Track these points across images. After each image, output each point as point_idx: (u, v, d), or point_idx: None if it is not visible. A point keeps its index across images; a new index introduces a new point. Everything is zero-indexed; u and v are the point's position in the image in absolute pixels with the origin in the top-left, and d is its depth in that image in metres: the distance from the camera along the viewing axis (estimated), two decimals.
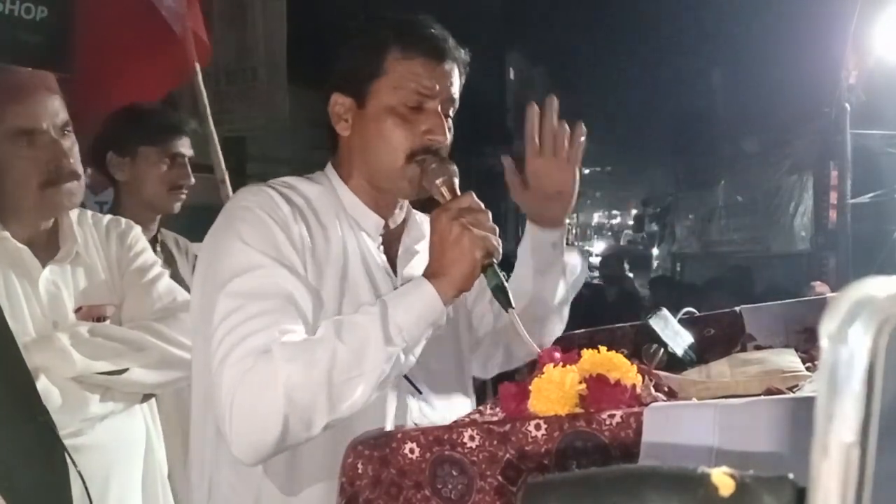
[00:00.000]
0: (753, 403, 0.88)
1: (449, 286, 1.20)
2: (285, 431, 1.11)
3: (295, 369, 1.10)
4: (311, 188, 1.35)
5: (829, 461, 0.39)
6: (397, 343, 1.16)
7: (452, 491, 0.97)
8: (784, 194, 8.49)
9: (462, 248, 1.19)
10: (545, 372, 1.10)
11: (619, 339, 1.55)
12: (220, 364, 1.13)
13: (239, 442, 1.12)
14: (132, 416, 1.70)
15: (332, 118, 1.37)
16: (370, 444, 1.01)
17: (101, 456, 1.57)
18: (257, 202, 1.26)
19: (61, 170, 1.61)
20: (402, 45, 1.30)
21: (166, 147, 2.27)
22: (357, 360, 1.13)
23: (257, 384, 1.10)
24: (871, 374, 0.38)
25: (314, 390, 1.11)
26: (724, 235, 10.80)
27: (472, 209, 1.23)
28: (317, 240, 1.29)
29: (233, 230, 1.23)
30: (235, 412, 1.11)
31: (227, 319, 1.15)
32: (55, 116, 1.62)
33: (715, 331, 1.64)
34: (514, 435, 0.95)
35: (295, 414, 1.10)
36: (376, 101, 1.31)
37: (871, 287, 0.40)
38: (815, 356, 1.33)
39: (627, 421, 0.91)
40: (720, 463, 0.46)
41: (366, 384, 1.14)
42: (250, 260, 1.20)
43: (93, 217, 1.78)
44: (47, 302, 1.60)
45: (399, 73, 1.30)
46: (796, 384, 1.17)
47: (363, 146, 1.34)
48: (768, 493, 0.44)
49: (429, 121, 1.31)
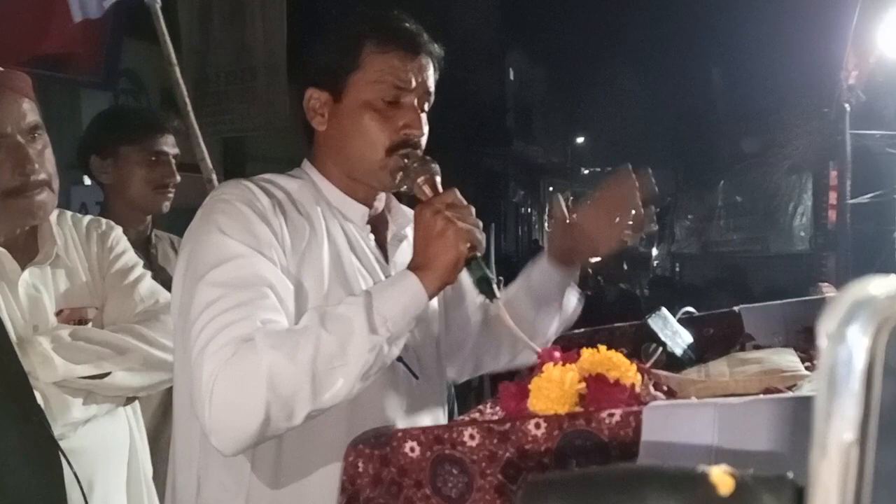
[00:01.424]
0: (753, 403, 0.88)
1: (434, 278, 1.19)
2: (267, 420, 1.09)
3: (278, 357, 1.09)
4: (291, 182, 1.35)
5: (828, 460, 0.39)
6: (381, 333, 1.14)
7: (453, 489, 0.97)
8: (783, 194, 8.49)
9: (446, 241, 1.18)
10: (545, 371, 1.10)
11: (618, 339, 1.55)
12: (200, 353, 1.11)
13: (218, 431, 1.11)
14: (115, 418, 1.66)
15: (308, 113, 1.35)
16: (371, 443, 1.01)
17: (85, 459, 1.53)
18: (236, 195, 1.25)
19: (27, 178, 1.54)
20: (377, 38, 1.30)
21: (147, 146, 2.23)
22: (341, 350, 1.12)
23: (239, 372, 1.09)
24: (870, 373, 0.39)
25: (297, 379, 1.09)
26: (723, 235, 10.80)
27: (456, 204, 1.22)
28: (299, 230, 1.28)
29: (211, 222, 1.22)
30: (216, 400, 1.09)
31: (208, 309, 1.14)
32: (21, 119, 1.55)
33: (714, 330, 1.64)
34: (514, 434, 0.95)
35: (277, 403, 1.09)
36: (353, 96, 1.31)
37: (870, 287, 0.41)
38: (814, 356, 1.34)
39: (627, 420, 0.91)
40: (719, 462, 0.46)
41: (349, 374, 1.13)
42: (229, 250, 1.19)
43: (72, 218, 1.73)
44: (27, 305, 1.56)
45: (375, 66, 1.30)
46: (795, 384, 1.18)
47: (341, 141, 1.34)
48: (768, 493, 0.44)
49: (406, 115, 1.31)
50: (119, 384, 1.58)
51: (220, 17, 4.34)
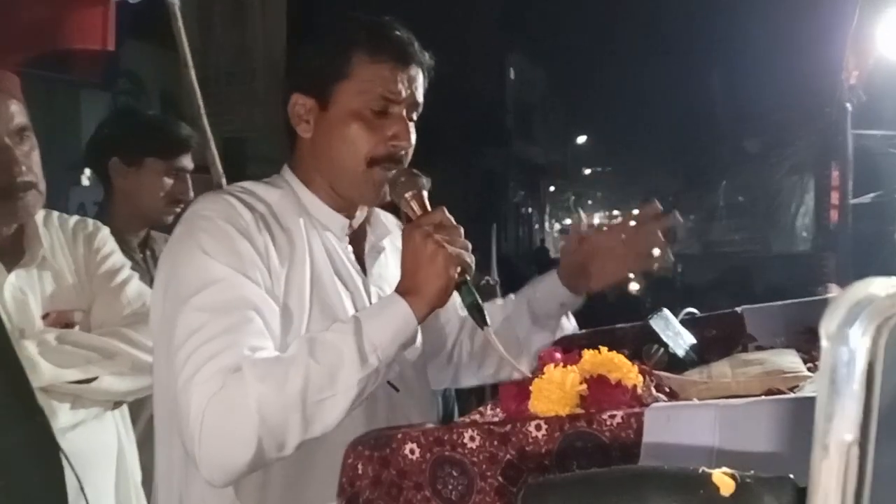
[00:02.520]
0: (754, 404, 0.88)
1: (423, 304, 1.17)
2: (258, 453, 1.08)
3: (267, 389, 1.08)
4: (271, 193, 1.31)
5: (828, 460, 0.39)
6: (372, 362, 1.13)
7: (453, 491, 0.97)
8: (785, 195, 8.49)
9: (437, 266, 1.17)
10: (546, 372, 1.10)
11: (619, 340, 1.55)
12: (186, 383, 1.09)
13: (209, 464, 1.10)
14: (103, 423, 1.65)
15: (293, 119, 1.33)
16: (370, 445, 1.01)
17: (73, 463, 1.52)
18: (218, 211, 1.22)
19: (12, 179, 1.54)
20: (368, 47, 1.27)
21: (173, 161, 2.24)
22: (331, 380, 1.11)
23: (229, 405, 1.07)
24: (871, 373, 0.38)
25: (287, 411, 1.08)
26: (724, 236, 10.81)
27: (445, 225, 1.20)
28: (281, 246, 1.25)
29: (193, 241, 1.19)
30: (205, 433, 1.08)
31: (192, 337, 1.11)
32: (9, 121, 1.55)
33: (716, 331, 1.64)
34: (515, 435, 0.95)
35: (268, 435, 1.08)
36: (340, 104, 1.28)
37: (870, 287, 0.40)
38: (816, 356, 1.33)
39: (628, 421, 0.91)
40: (721, 463, 0.46)
41: (339, 404, 1.12)
42: (213, 272, 1.16)
43: (59, 218, 1.71)
44: (13, 309, 1.53)
45: (365, 76, 1.27)
46: (797, 384, 1.17)
47: (325, 149, 1.31)
48: (769, 493, 0.44)
49: (394, 126, 1.28)
50: (107, 388, 1.57)
51: (220, 18, 4.35)
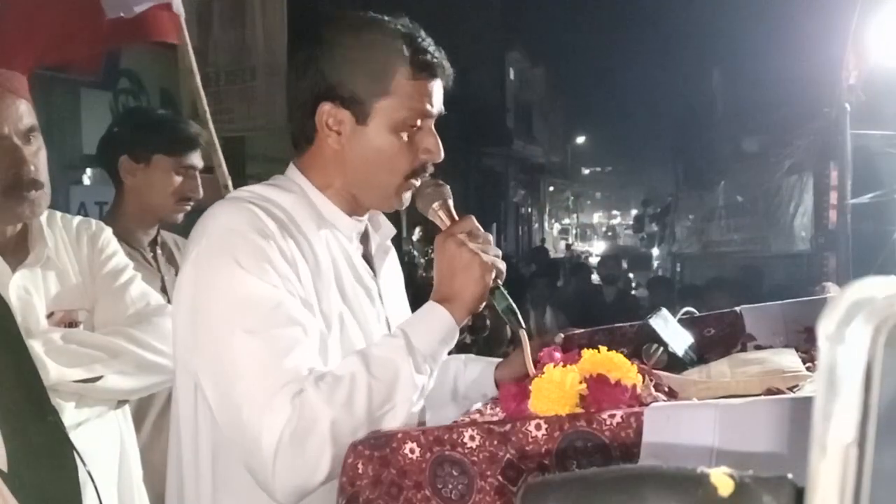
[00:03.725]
0: (753, 403, 0.88)
1: (461, 309, 1.23)
2: (332, 472, 1.11)
3: (336, 412, 1.11)
4: (285, 197, 1.30)
5: (827, 461, 0.39)
6: (425, 372, 1.19)
7: (453, 491, 0.97)
8: (784, 194, 8.48)
9: (472, 273, 1.22)
10: (545, 372, 1.10)
11: (619, 339, 1.55)
12: (257, 416, 1.11)
13: (285, 490, 1.13)
14: (106, 422, 1.66)
15: (320, 127, 1.30)
16: (370, 445, 1.01)
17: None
18: (244, 222, 1.21)
19: (21, 178, 1.55)
20: (412, 64, 1.27)
21: (181, 158, 2.25)
22: (389, 394, 1.15)
23: (302, 433, 1.10)
24: (870, 373, 0.39)
25: (356, 429, 1.12)
26: (724, 235, 10.78)
27: (475, 233, 1.26)
28: (305, 254, 1.26)
29: (226, 255, 1.18)
30: (281, 462, 1.10)
31: (252, 365, 1.13)
32: (18, 121, 1.56)
33: (715, 331, 1.64)
34: (515, 435, 0.95)
35: (340, 454, 1.10)
36: (380, 120, 1.28)
37: (869, 287, 0.41)
38: (815, 356, 1.33)
39: (628, 421, 0.91)
40: (720, 463, 0.46)
41: (399, 415, 1.17)
42: (257, 292, 1.16)
43: (62, 219, 1.73)
44: (18, 308, 1.53)
45: (407, 93, 1.27)
46: (796, 384, 1.17)
47: (359, 163, 1.30)
48: (768, 493, 0.44)
49: (426, 139, 1.30)
50: (111, 387, 1.58)
51: (220, 17, 4.35)
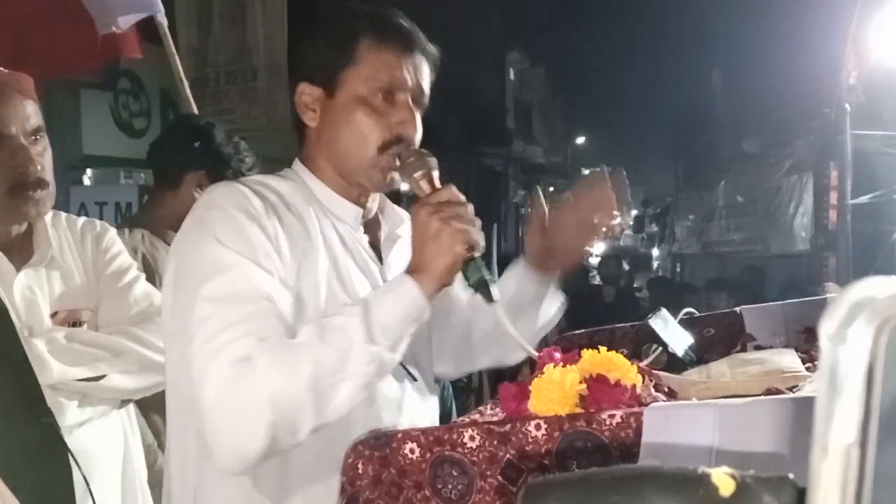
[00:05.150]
0: (753, 403, 0.88)
1: (431, 281, 1.17)
2: (272, 439, 1.08)
3: (279, 376, 1.08)
4: (283, 184, 1.31)
5: (829, 461, 0.39)
6: (380, 343, 1.13)
7: (452, 491, 0.97)
8: (784, 195, 8.47)
9: (442, 243, 1.16)
10: (545, 372, 1.10)
11: (619, 340, 1.55)
12: (200, 374, 1.10)
13: (224, 452, 1.10)
14: (110, 420, 1.67)
15: (299, 108, 1.33)
16: (370, 444, 1.01)
17: (80, 462, 1.51)
18: (229, 199, 1.22)
19: (27, 177, 1.57)
20: (374, 33, 1.28)
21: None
22: (341, 363, 1.11)
23: (241, 394, 1.08)
24: (871, 374, 0.38)
25: (300, 396, 1.08)
26: (723, 236, 10.78)
27: (452, 202, 1.20)
28: (293, 234, 1.25)
29: (205, 230, 1.20)
30: (220, 423, 1.09)
31: (204, 327, 1.12)
32: (25, 121, 1.58)
33: (715, 331, 1.64)
34: (515, 435, 0.95)
35: (281, 421, 1.08)
36: (347, 91, 1.28)
37: (870, 287, 0.40)
38: (815, 356, 1.33)
39: (627, 421, 0.91)
40: (720, 463, 0.46)
41: (351, 386, 1.12)
42: (225, 261, 1.16)
43: (67, 219, 1.74)
44: (22, 307, 1.55)
45: (371, 62, 1.28)
46: (796, 384, 1.17)
47: (333, 137, 1.31)
48: (768, 494, 0.44)
49: (399, 113, 1.28)
50: (114, 386, 1.59)
51: (220, 17, 4.36)
